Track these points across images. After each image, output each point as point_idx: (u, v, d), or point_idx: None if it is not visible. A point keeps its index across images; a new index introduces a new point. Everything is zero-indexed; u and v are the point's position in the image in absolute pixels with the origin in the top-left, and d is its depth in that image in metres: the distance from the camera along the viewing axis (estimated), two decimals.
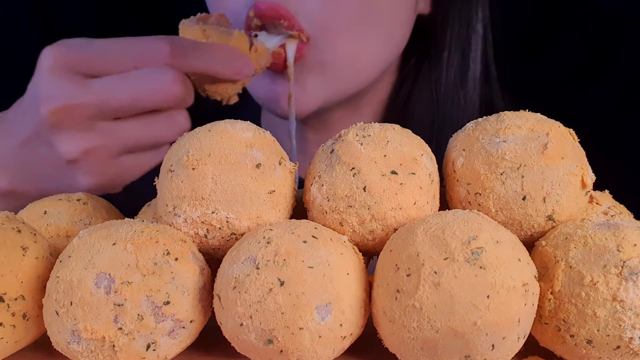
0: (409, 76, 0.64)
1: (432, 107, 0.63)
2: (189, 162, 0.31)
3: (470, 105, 0.62)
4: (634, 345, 0.27)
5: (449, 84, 0.62)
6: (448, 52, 0.61)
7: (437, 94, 0.63)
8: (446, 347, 0.27)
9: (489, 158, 0.32)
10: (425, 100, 0.63)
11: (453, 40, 0.61)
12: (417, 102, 0.63)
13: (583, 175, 0.32)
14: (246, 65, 0.46)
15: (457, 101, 0.62)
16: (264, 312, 0.27)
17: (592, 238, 0.29)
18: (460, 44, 0.62)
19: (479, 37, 0.62)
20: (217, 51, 0.45)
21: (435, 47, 0.62)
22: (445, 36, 0.61)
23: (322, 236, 0.29)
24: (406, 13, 0.57)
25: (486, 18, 0.62)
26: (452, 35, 0.61)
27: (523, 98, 0.63)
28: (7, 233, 0.31)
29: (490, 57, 0.63)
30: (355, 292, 0.29)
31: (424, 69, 0.63)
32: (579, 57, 0.74)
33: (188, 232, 0.32)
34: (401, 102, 0.64)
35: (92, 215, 0.39)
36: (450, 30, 0.61)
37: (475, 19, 0.61)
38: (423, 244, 0.27)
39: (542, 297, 0.29)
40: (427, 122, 0.63)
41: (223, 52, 0.45)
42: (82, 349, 0.28)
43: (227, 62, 0.44)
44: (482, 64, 0.62)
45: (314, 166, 0.33)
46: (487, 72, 0.63)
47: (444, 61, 0.62)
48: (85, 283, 0.28)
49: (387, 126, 0.33)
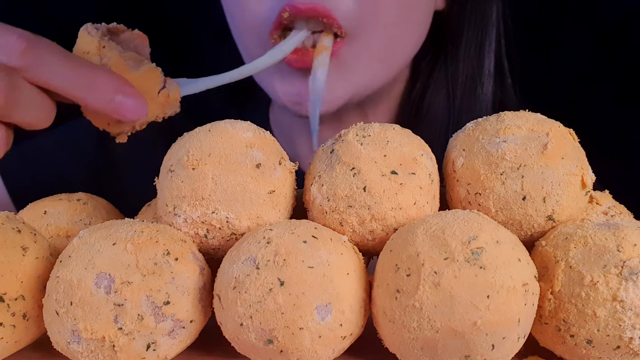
0: (424, 71, 0.64)
1: (448, 101, 0.63)
2: (189, 162, 0.31)
3: (487, 98, 0.62)
4: (634, 345, 0.27)
5: (466, 78, 0.62)
6: (465, 46, 0.62)
7: (454, 87, 0.63)
8: (446, 347, 0.27)
9: (489, 158, 0.32)
10: (441, 95, 0.63)
11: (471, 33, 0.62)
12: (433, 96, 0.63)
13: (583, 175, 0.32)
14: (134, 108, 0.34)
15: (474, 94, 0.62)
16: (264, 312, 0.27)
17: (592, 238, 0.29)
18: (477, 37, 0.62)
19: (494, 31, 0.62)
20: (90, 73, 0.32)
21: (452, 41, 0.62)
22: (463, 30, 0.61)
23: (322, 236, 0.29)
24: (428, 9, 0.58)
25: (500, 11, 0.62)
26: (469, 28, 0.62)
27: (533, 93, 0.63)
28: (7, 233, 0.31)
29: (502, 50, 0.63)
30: (355, 292, 0.29)
31: (439, 64, 0.63)
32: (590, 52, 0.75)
33: (188, 232, 0.32)
34: (416, 98, 0.64)
35: (92, 215, 0.39)
36: (467, 24, 0.61)
37: (491, 12, 0.62)
38: (423, 244, 0.27)
39: (542, 297, 0.29)
40: (443, 117, 0.63)
41: (100, 76, 0.33)
42: (82, 349, 0.28)
43: (102, 94, 0.33)
44: (495, 57, 0.63)
45: (314, 166, 0.33)
46: (500, 65, 0.63)
47: (461, 55, 0.62)
48: (85, 283, 0.28)
49: (387, 126, 0.33)
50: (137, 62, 0.36)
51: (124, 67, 0.35)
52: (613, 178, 0.39)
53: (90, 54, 0.35)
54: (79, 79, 0.32)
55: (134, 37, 0.39)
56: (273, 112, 0.69)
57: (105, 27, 0.37)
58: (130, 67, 0.35)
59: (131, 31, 0.39)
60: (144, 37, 0.39)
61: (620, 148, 0.73)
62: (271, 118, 0.69)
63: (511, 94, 0.64)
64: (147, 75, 0.36)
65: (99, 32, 0.36)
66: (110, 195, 0.44)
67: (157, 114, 0.37)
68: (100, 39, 0.35)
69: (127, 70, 0.35)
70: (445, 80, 0.63)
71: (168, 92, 0.37)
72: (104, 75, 0.33)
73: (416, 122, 0.63)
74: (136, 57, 0.37)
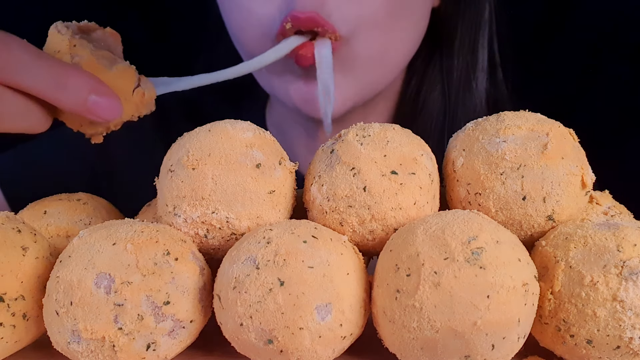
0: (419, 68, 0.64)
1: (443, 97, 0.64)
2: (189, 162, 0.31)
3: (481, 93, 0.63)
4: (634, 345, 0.27)
5: (460, 72, 0.63)
6: (460, 41, 0.62)
7: (449, 82, 0.63)
8: (446, 347, 0.27)
9: (489, 158, 0.32)
10: (436, 90, 0.64)
11: (465, 29, 0.62)
12: (428, 92, 0.64)
13: (583, 175, 0.32)
14: (109, 108, 0.33)
15: (469, 88, 0.63)
16: (264, 312, 0.27)
17: (592, 238, 0.29)
18: (471, 33, 0.62)
19: (487, 26, 0.63)
20: (62, 72, 0.31)
21: (446, 37, 0.63)
22: (457, 26, 0.62)
23: (322, 236, 0.29)
24: (425, 7, 0.58)
25: (493, 6, 0.63)
26: (463, 24, 0.62)
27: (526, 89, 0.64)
28: (7, 233, 0.31)
29: (494, 45, 0.64)
30: (355, 292, 0.29)
31: (434, 60, 0.64)
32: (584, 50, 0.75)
33: (188, 232, 0.32)
34: (412, 94, 0.65)
35: (92, 215, 0.39)
36: (462, 20, 0.62)
37: (484, 7, 0.62)
38: (423, 244, 0.27)
39: (542, 297, 0.29)
40: (438, 112, 0.63)
41: (75, 79, 0.32)
42: (82, 349, 0.28)
43: (76, 94, 0.32)
44: (488, 52, 0.63)
45: (314, 166, 0.33)
46: (492, 60, 0.64)
47: (455, 50, 0.62)
48: (85, 283, 0.28)
49: (387, 126, 0.33)
50: (110, 60, 0.35)
51: (97, 66, 0.34)
52: (613, 178, 0.39)
53: (61, 53, 0.34)
54: (51, 79, 0.31)
55: (107, 35, 0.37)
56: (270, 112, 0.69)
57: (76, 25, 0.36)
58: (103, 66, 0.34)
59: (103, 29, 0.37)
60: (116, 35, 0.38)
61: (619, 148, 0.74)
62: (268, 118, 0.69)
63: (503, 89, 0.64)
64: (121, 74, 0.35)
65: (69, 31, 0.35)
66: (110, 195, 0.44)
67: (132, 113, 0.36)
68: (70, 37, 0.34)
69: (101, 70, 0.34)
70: (440, 76, 0.63)
71: (143, 90, 0.36)
72: (76, 75, 0.32)
73: (412, 118, 0.63)
74: (109, 55, 0.35)
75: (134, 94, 0.35)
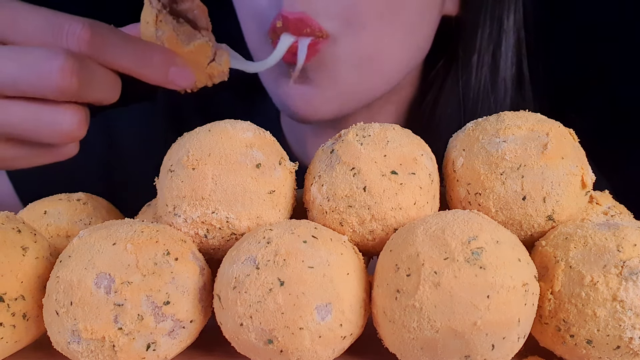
0: (437, 80, 0.62)
1: (460, 111, 0.61)
2: (189, 162, 0.31)
3: (500, 109, 0.60)
4: (634, 345, 0.27)
5: (478, 88, 0.60)
6: (478, 55, 0.59)
7: (466, 98, 0.61)
8: (446, 347, 0.27)
9: (489, 158, 0.32)
10: (453, 105, 0.61)
11: (484, 42, 0.59)
12: (445, 106, 0.61)
13: (583, 175, 0.32)
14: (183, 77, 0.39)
15: (487, 105, 0.60)
16: (264, 312, 0.27)
17: (592, 238, 0.29)
18: (490, 46, 0.60)
19: (511, 39, 0.60)
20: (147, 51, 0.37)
21: (464, 49, 0.60)
22: (475, 38, 0.59)
23: (322, 236, 0.29)
24: (430, 13, 0.55)
25: (519, 20, 0.60)
26: (482, 37, 0.59)
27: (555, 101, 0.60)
28: (7, 233, 0.31)
29: (523, 59, 0.61)
30: (355, 292, 0.29)
31: (451, 73, 0.61)
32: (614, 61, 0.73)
33: (188, 232, 0.32)
34: (428, 107, 0.62)
35: (92, 215, 0.39)
36: (481, 32, 0.59)
37: (507, 21, 0.60)
38: (423, 244, 0.27)
39: (542, 297, 0.29)
40: (455, 127, 0.62)
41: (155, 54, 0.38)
42: (82, 349, 0.28)
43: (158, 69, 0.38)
44: (515, 67, 0.60)
45: (314, 166, 0.33)
46: (520, 75, 0.61)
47: (474, 64, 0.60)
48: (85, 283, 0.28)
49: (387, 126, 0.33)
50: (189, 36, 0.40)
51: (177, 42, 0.40)
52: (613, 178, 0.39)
53: (149, 25, 0.40)
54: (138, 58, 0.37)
55: (195, 7, 0.42)
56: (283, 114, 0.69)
57: None
58: (182, 42, 0.40)
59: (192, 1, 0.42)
60: (203, 7, 0.43)
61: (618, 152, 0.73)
62: (282, 116, 0.69)
63: (530, 104, 0.61)
64: (197, 50, 0.40)
65: (159, 4, 0.40)
66: (110, 195, 0.44)
67: (205, 82, 0.42)
68: (158, 11, 0.40)
69: (179, 45, 0.40)
70: (457, 90, 0.61)
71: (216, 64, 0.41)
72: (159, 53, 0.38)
73: (428, 133, 0.62)
74: (190, 31, 0.41)
75: (207, 67, 0.41)
